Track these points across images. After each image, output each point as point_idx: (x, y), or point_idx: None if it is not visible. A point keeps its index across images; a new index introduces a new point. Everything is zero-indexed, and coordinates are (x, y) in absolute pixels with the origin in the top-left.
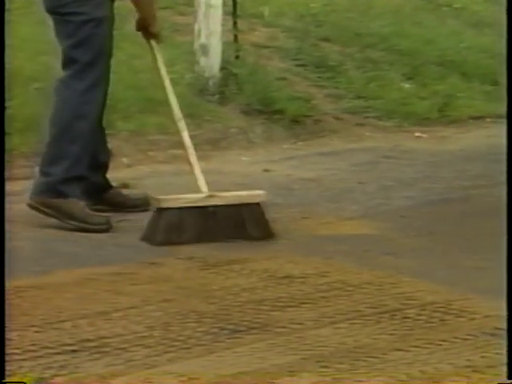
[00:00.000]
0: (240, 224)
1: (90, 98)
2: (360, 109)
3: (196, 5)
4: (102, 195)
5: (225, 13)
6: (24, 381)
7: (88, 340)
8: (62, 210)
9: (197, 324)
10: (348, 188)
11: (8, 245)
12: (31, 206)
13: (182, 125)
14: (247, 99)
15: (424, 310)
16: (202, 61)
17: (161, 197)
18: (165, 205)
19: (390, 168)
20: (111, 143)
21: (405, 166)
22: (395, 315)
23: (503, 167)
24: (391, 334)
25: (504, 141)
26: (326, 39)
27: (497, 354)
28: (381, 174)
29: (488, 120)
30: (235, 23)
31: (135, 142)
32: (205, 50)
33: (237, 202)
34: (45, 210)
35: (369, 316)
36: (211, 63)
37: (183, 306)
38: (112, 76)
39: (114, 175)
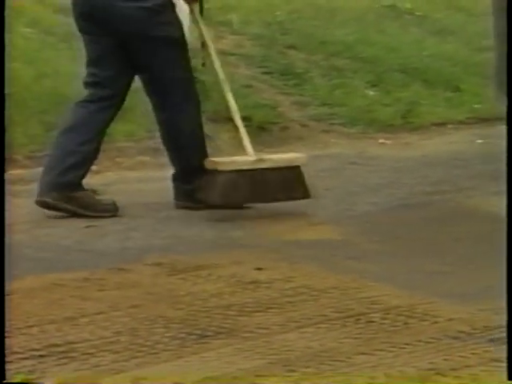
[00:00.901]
0: (285, 185)
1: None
2: (325, 116)
3: None
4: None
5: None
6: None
7: (56, 345)
8: (79, 202)
9: (164, 329)
10: (314, 194)
11: None
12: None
13: (226, 87)
14: (214, 106)
15: (388, 313)
16: None
17: (216, 159)
18: (222, 167)
19: (355, 174)
20: None
21: (369, 172)
22: (360, 319)
23: (465, 173)
24: (356, 338)
25: (465, 147)
26: (292, 47)
27: (460, 356)
28: (346, 180)
29: (450, 126)
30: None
31: (103, 148)
32: None
33: (283, 164)
34: (64, 205)
35: (334, 320)
36: None
37: (151, 312)
38: (78, 83)
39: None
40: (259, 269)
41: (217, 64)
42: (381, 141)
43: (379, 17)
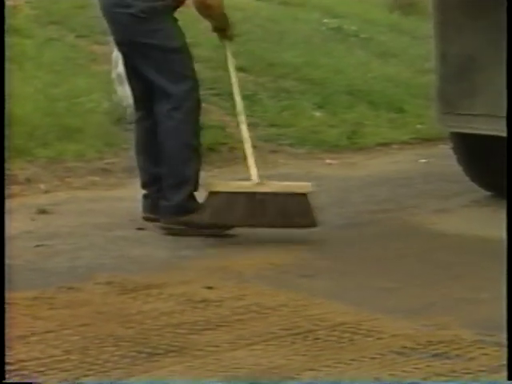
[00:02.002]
0: (286, 212)
1: (188, 127)
2: (274, 136)
3: None
4: None
5: None
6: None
7: (6, 363)
8: (193, 223)
9: (114, 348)
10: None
11: None
12: (162, 228)
13: (241, 118)
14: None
15: (334, 330)
16: (120, 90)
17: (213, 181)
18: (215, 188)
19: None
20: (29, 170)
21: (317, 192)
22: (308, 336)
23: (409, 191)
24: (304, 355)
25: (408, 166)
26: (241, 69)
27: (403, 371)
28: None
29: (394, 146)
30: None
31: (53, 168)
32: (121, 79)
33: (285, 190)
34: (178, 227)
35: (283, 337)
36: (128, 92)
37: (101, 331)
38: (29, 104)
39: (31, 201)
40: (209, 287)
41: (238, 98)
42: (327, 161)
43: (326, 39)
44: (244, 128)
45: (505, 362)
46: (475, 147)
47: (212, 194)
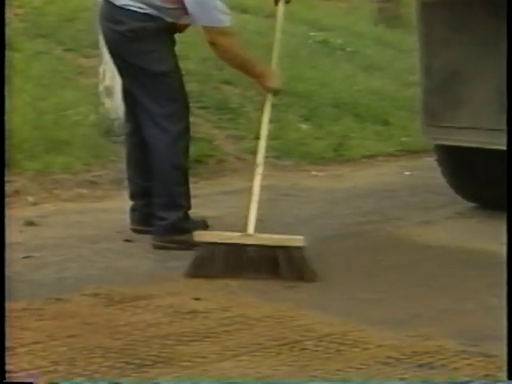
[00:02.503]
0: (274, 265)
1: (176, 149)
2: None
3: (101, 47)
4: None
5: None
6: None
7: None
8: (188, 242)
9: (102, 359)
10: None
11: None
12: (157, 246)
13: (259, 169)
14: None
15: (321, 341)
16: (107, 103)
17: (201, 232)
18: (201, 239)
19: (289, 205)
20: (17, 182)
21: (303, 204)
22: (294, 347)
23: (394, 203)
24: (290, 366)
25: (393, 178)
26: (227, 82)
27: (389, 381)
28: (280, 212)
29: (379, 159)
30: None
31: (40, 180)
32: (109, 92)
33: (274, 244)
34: (173, 245)
35: (269, 348)
36: (116, 105)
37: (89, 342)
38: (17, 117)
39: (19, 213)
40: (197, 299)
41: (262, 145)
42: (313, 173)
43: (312, 53)
44: (258, 180)
45: (489, 372)
46: (459, 159)
47: (199, 244)
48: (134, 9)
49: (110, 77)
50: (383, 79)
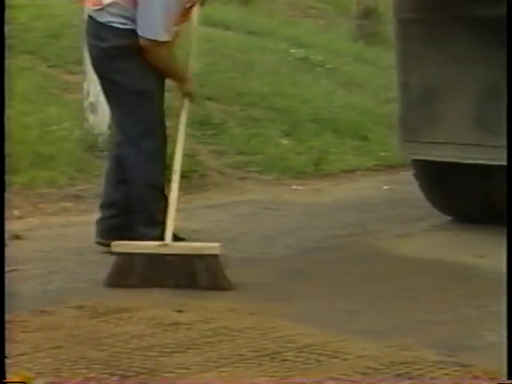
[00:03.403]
0: (191, 274)
1: (151, 168)
2: (242, 164)
3: (85, 64)
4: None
5: None
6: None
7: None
8: None
9: (86, 370)
10: (231, 238)
11: None
12: None
13: (176, 177)
14: None
15: (301, 352)
16: (91, 118)
17: (120, 242)
18: (118, 249)
19: (270, 219)
20: None
21: (284, 217)
22: (275, 358)
23: (373, 216)
24: (271, 376)
25: (372, 192)
26: (210, 98)
27: None
28: (262, 225)
29: (358, 173)
30: None
31: (26, 194)
32: (94, 108)
33: (191, 252)
34: None
35: (251, 359)
36: (100, 121)
37: (73, 353)
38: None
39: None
40: (179, 311)
41: (178, 156)
42: (294, 187)
43: (293, 69)
44: (175, 188)
45: (466, 381)
46: (436, 174)
47: (116, 254)
48: (117, 25)
49: (94, 93)
50: (362, 95)
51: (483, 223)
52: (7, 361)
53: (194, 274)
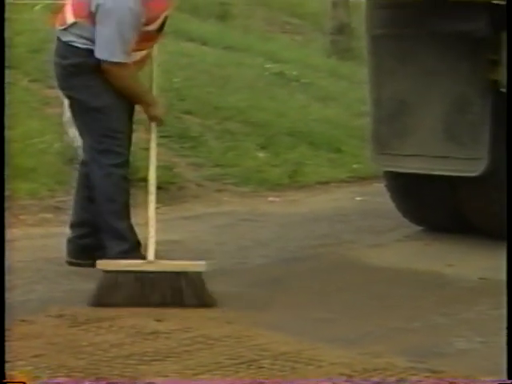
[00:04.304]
0: (176, 291)
1: (110, 182)
2: (219, 176)
3: None
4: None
5: None
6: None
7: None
8: None
9: (67, 378)
10: (208, 249)
11: None
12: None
13: (152, 198)
14: None
15: (277, 359)
16: (71, 132)
17: (104, 260)
18: (102, 267)
19: (247, 230)
20: None
21: (260, 228)
22: (251, 365)
23: (346, 227)
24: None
25: (346, 203)
26: (188, 112)
27: None
28: (239, 236)
29: (333, 185)
30: None
31: (7, 206)
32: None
33: (175, 269)
34: None
35: (228, 367)
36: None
37: (53, 361)
38: None
39: None
40: (159, 320)
41: (152, 181)
42: (270, 199)
43: (268, 84)
44: (152, 208)
45: None
46: (407, 185)
47: (102, 272)
48: (77, 44)
49: None
50: (336, 109)
51: (453, 233)
52: None
53: (179, 292)
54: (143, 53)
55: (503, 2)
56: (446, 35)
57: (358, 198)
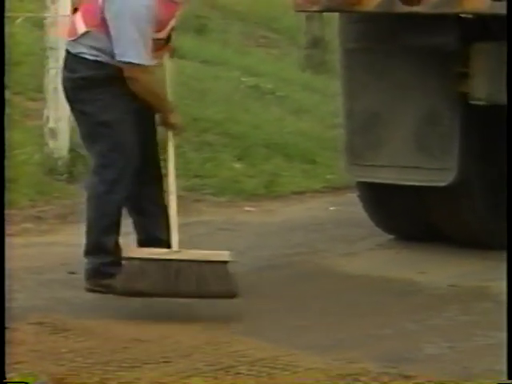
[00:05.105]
0: (202, 280)
1: (109, 199)
2: (197, 186)
3: (45, 90)
4: None
5: None
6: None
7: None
8: (111, 287)
9: None
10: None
11: None
12: (88, 289)
13: (173, 197)
14: None
15: (254, 365)
16: (51, 143)
17: (131, 247)
18: (131, 254)
19: (225, 239)
20: None
21: (237, 237)
22: (229, 371)
23: (320, 236)
24: None
25: (320, 213)
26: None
27: None
28: (216, 244)
29: (307, 195)
30: None
31: None
32: (53, 133)
33: (201, 258)
34: (98, 289)
35: (206, 373)
36: (60, 145)
37: (34, 368)
38: None
39: None
40: (138, 327)
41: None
42: (247, 208)
43: (245, 97)
44: (173, 205)
45: None
46: (379, 195)
47: (126, 259)
48: (87, 56)
49: (54, 119)
50: (310, 121)
51: (423, 241)
52: None
53: (203, 280)
54: (157, 61)
55: (471, 16)
56: (416, 49)
57: (332, 208)
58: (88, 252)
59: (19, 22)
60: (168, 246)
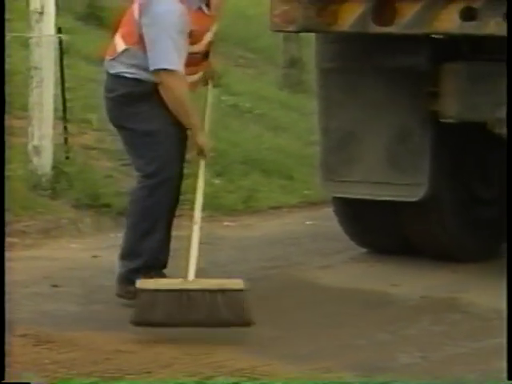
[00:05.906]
0: (215, 309)
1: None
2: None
3: (30, 109)
4: None
5: (56, 117)
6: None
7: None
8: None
9: None
10: (167, 271)
11: None
12: (117, 295)
13: (196, 227)
14: (77, 194)
15: (233, 375)
16: (35, 160)
17: (145, 280)
18: (142, 286)
19: (204, 253)
20: None
21: (217, 251)
22: (209, 381)
23: (297, 250)
24: None
25: (297, 227)
26: None
27: None
28: (197, 258)
29: (284, 210)
30: (65, 127)
31: None
32: (37, 150)
33: (214, 287)
34: (126, 295)
35: (187, 383)
36: (43, 162)
37: (18, 379)
38: None
39: None
40: (121, 339)
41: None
42: (226, 223)
43: (224, 115)
44: (196, 235)
45: None
46: (353, 210)
47: (140, 291)
48: (125, 75)
49: (38, 136)
50: (288, 139)
51: (397, 254)
52: None
53: (217, 310)
54: (191, 78)
55: (442, 36)
56: (389, 69)
57: (309, 222)
58: (123, 256)
59: (6, 42)
60: (164, 266)
